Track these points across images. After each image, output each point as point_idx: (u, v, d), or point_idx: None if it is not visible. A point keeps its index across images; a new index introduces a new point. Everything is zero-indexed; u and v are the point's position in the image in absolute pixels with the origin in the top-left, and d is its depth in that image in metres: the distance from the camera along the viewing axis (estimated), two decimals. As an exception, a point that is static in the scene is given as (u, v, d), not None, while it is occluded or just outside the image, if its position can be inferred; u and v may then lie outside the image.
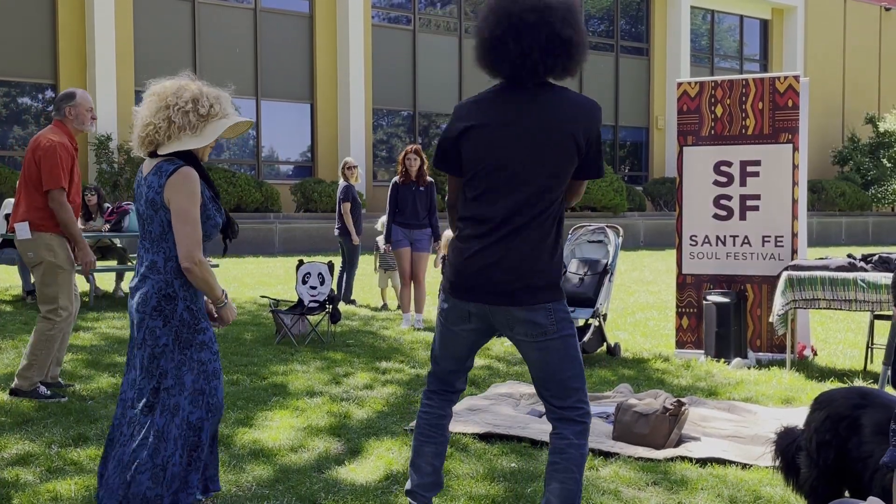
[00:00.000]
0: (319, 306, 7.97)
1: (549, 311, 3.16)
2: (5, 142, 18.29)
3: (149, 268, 3.30)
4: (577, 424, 3.23)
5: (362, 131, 21.54)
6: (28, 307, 9.55)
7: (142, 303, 3.28)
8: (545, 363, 3.21)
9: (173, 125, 3.26)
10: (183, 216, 3.22)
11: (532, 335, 3.18)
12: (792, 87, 7.23)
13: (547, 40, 3.10)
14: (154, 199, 3.26)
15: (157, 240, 3.29)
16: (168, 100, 3.29)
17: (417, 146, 8.97)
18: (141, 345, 3.29)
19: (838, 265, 6.58)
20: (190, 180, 3.24)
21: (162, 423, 3.26)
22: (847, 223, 27.22)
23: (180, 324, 3.28)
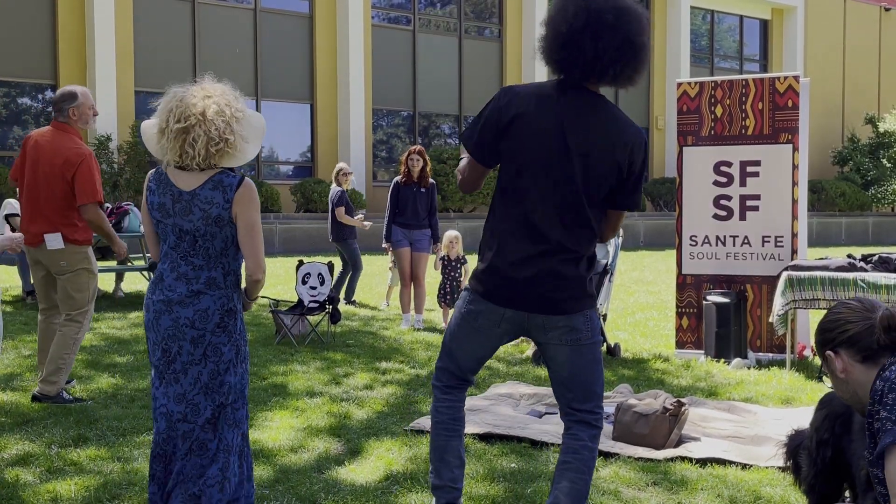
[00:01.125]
0: (319, 307, 7.97)
1: (587, 318, 3.24)
2: (5, 142, 18.29)
3: (206, 284, 3.22)
4: (593, 428, 3.30)
5: (362, 132, 21.54)
6: (28, 307, 9.55)
7: (200, 319, 3.21)
8: (575, 366, 3.26)
9: (236, 136, 3.19)
10: (254, 229, 3.20)
11: (567, 340, 3.23)
12: (792, 87, 7.23)
13: (622, 43, 3.06)
14: (220, 215, 3.17)
15: (218, 255, 3.23)
16: (227, 113, 3.17)
17: (421, 147, 8.97)
18: (201, 360, 3.22)
19: (838, 265, 6.58)
20: (254, 193, 3.22)
21: (230, 437, 3.26)
22: (847, 223, 27.22)
23: (240, 337, 3.29)
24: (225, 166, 3.23)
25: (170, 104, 3.19)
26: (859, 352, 2.66)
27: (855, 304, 2.74)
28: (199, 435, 3.24)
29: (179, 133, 3.14)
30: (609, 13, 3.03)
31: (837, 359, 2.69)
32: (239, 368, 3.27)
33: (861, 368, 2.65)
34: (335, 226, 10.26)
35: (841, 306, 2.76)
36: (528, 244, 3.16)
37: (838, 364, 2.69)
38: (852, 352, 2.67)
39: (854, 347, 2.67)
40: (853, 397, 2.70)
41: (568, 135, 3.13)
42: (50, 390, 5.45)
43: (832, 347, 2.71)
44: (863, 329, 2.66)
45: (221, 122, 3.15)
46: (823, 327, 2.76)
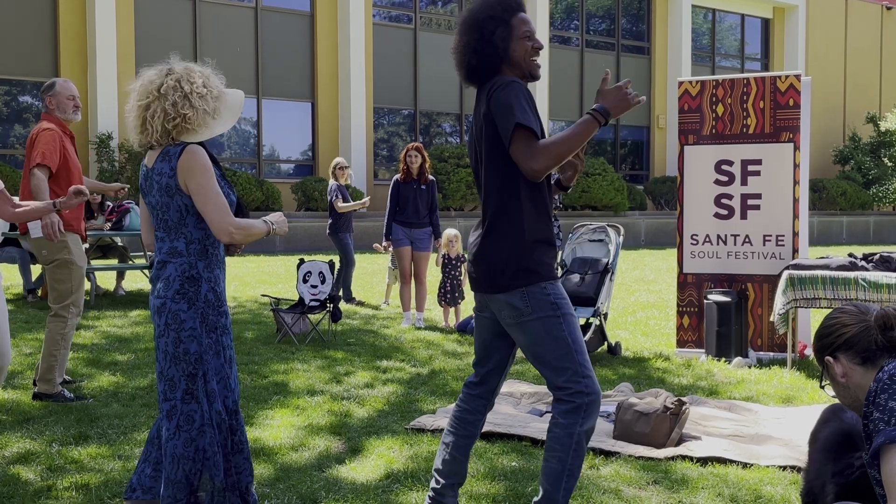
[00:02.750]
0: (320, 305, 7.98)
1: (525, 295, 3.25)
2: (6, 140, 18.30)
3: (169, 253, 3.21)
4: (563, 404, 3.24)
5: (363, 130, 21.54)
6: (29, 306, 9.55)
7: (163, 287, 3.17)
8: (527, 345, 3.30)
9: (197, 111, 3.19)
10: (203, 192, 3.13)
11: (511, 318, 3.29)
12: (793, 86, 7.23)
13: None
14: (168, 184, 3.16)
15: (176, 226, 3.20)
16: (184, 86, 3.20)
17: (419, 144, 8.97)
18: (164, 331, 3.18)
19: (839, 264, 6.57)
20: (200, 155, 3.16)
21: (210, 409, 3.20)
22: (848, 222, 27.21)
23: (206, 304, 3.19)
24: (189, 141, 3.21)
25: (135, 84, 3.28)
26: (858, 354, 2.66)
27: (850, 308, 2.76)
28: (182, 409, 3.19)
29: (140, 110, 3.21)
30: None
31: (837, 364, 2.70)
32: (205, 338, 3.18)
33: (861, 371, 2.66)
34: (332, 219, 10.38)
35: (837, 312, 2.78)
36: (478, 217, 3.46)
37: (838, 369, 2.69)
38: (851, 355, 2.67)
39: (852, 350, 2.67)
40: (855, 402, 2.70)
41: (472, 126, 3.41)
42: (47, 389, 5.46)
43: (831, 353, 2.72)
44: (860, 331, 2.67)
45: (178, 97, 3.18)
46: (820, 334, 2.77)
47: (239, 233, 3.15)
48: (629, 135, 27.37)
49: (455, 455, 3.53)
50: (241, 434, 3.32)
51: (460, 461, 3.54)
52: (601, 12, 26.84)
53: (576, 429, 3.22)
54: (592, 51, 26.45)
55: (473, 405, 3.56)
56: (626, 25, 27.22)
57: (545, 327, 3.25)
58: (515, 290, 3.24)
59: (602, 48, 26.65)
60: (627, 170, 27.31)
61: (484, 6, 3.32)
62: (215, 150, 20.60)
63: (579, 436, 3.22)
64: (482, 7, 3.32)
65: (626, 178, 26.03)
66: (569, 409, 3.22)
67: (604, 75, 3.30)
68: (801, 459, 4.38)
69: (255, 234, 3.22)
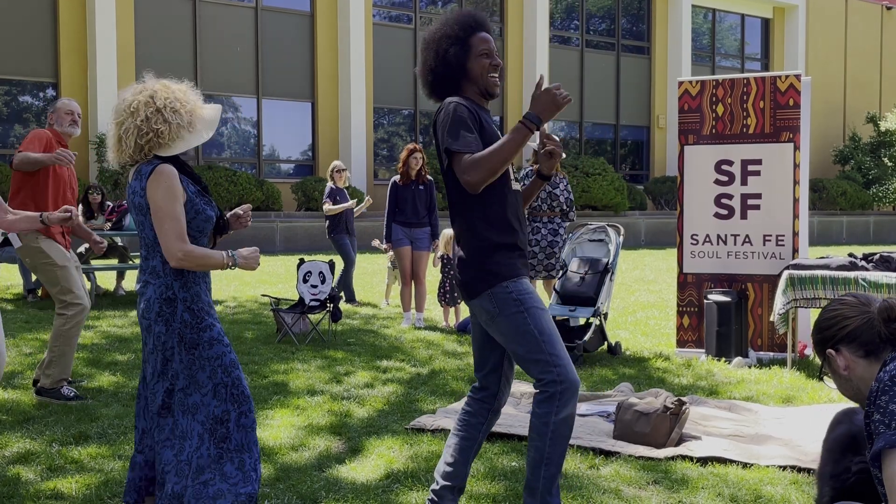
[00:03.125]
0: (320, 305, 7.98)
1: (491, 296, 3.35)
2: (6, 140, 18.29)
3: (150, 273, 3.29)
4: (539, 394, 3.33)
5: (363, 130, 21.54)
6: (29, 306, 9.55)
7: (146, 309, 3.29)
8: (504, 344, 3.39)
9: (172, 126, 3.24)
10: (160, 214, 3.19)
11: (486, 320, 3.40)
12: (793, 86, 7.23)
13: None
14: (140, 203, 3.25)
15: (153, 244, 3.27)
16: (157, 102, 3.26)
17: (419, 145, 8.97)
18: (153, 350, 3.29)
19: (839, 264, 6.57)
20: (165, 177, 3.20)
21: (185, 423, 3.27)
22: (848, 222, 27.20)
23: (182, 325, 3.27)
24: (163, 155, 3.26)
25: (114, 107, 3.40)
26: (861, 347, 2.61)
27: (850, 299, 2.70)
28: (157, 422, 3.30)
29: (115, 129, 3.30)
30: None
31: (839, 356, 2.65)
32: (185, 356, 3.26)
33: (864, 364, 2.61)
34: (329, 221, 10.41)
35: (836, 303, 2.71)
36: None
37: (840, 362, 2.64)
38: (854, 347, 2.62)
39: (855, 343, 2.62)
40: (857, 395, 2.65)
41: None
42: (44, 382, 5.53)
43: (832, 345, 2.66)
44: (862, 323, 2.62)
45: (151, 113, 3.24)
46: (821, 326, 2.71)
47: (187, 260, 3.20)
48: (629, 135, 27.38)
49: (456, 457, 3.55)
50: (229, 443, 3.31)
51: (460, 464, 3.55)
52: (601, 12, 26.84)
53: (551, 418, 3.29)
54: (592, 51, 26.45)
55: (476, 408, 3.60)
56: (626, 25, 27.21)
57: (512, 324, 3.33)
58: (483, 294, 3.36)
59: (602, 48, 26.65)
60: (627, 170, 27.31)
61: (442, 26, 3.49)
62: (215, 150, 20.61)
63: (556, 424, 3.30)
64: (440, 27, 3.49)
65: (626, 177, 26.04)
66: (543, 398, 3.31)
67: (537, 80, 3.40)
68: (802, 459, 4.39)
69: (207, 264, 3.26)
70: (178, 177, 3.26)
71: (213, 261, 3.27)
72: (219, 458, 3.28)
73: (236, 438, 3.33)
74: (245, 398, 3.37)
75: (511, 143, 3.23)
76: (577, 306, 7.34)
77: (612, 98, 26.72)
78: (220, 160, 20.44)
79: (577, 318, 7.39)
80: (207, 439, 3.28)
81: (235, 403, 3.34)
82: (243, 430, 3.37)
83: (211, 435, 3.28)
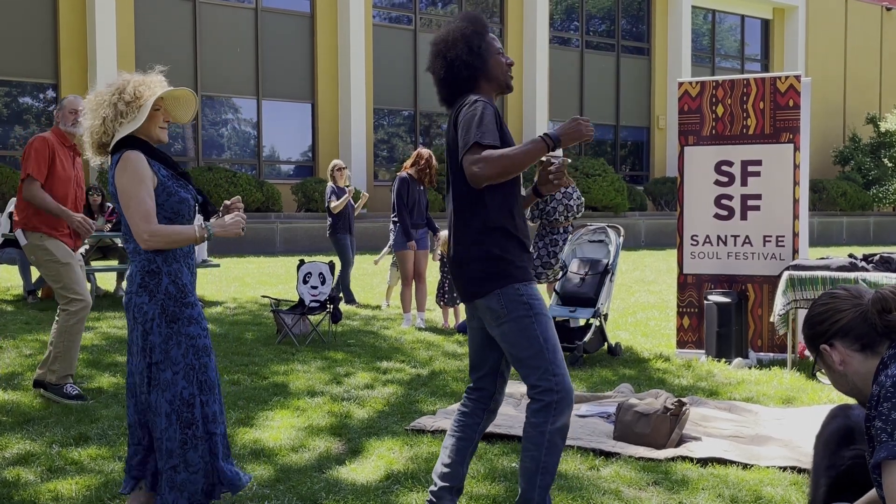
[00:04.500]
0: (320, 306, 7.97)
1: (500, 296, 3.35)
2: (6, 142, 18.30)
3: (132, 253, 3.36)
4: (534, 402, 3.34)
5: (363, 131, 21.54)
6: (29, 307, 9.55)
7: (128, 283, 3.36)
8: (505, 346, 3.39)
9: (107, 120, 3.34)
10: (124, 198, 3.27)
11: (492, 321, 3.39)
12: (793, 86, 7.23)
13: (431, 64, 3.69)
14: (113, 191, 3.34)
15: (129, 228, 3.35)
16: (97, 100, 3.39)
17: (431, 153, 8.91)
18: (133, 325, 3.31)
19: (839, 265, 6.57)
20: (131, 162, 3.28)
21: (155, 398, 3.28)
22: (848, 223, 27.20)
23: (166, 296, 3.29)
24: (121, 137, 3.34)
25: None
26: (856, 340, 2.52)
27: (842, 292, 2.60)
28: (146, 400, 3.32)
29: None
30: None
31: (833, 351, 2.55)
32: (164, 328, 3.27)
33: (860, 358, 2.52)
34: (331, 220, 10.41)
35: (826, 297, 2.61)
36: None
37: (835, 357, 2.55)
38: (848, 341, 2.53)
39: (849, 336, 2.53)
40: (853, 390, 2.57)
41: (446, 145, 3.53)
42: (49, 378, 5.56)
43: (826, 340, 2.57)
44: (856, 316, 2.53)
45: (87, 120, 3.40)
46: (812, 321, 2.61)
47: (153, 240, 3.24)
48: (629, 135, 27.37)
49: (453, 458, 3.55)
50: (195, 429, 3.29)
51: (457, 464, 3.55)
52: (601, 13, 26.84)
53: (547, 427, 3.31)
54: (592, 52, 26.45)
55: (472, 408, 3.61)
56: (626, 26, 27.22)
57: (519, 327, 3.33)
58: (492, 294, 3.35)
59: (602, 49, 26.65)
60: (627, 170, 27.31)
61: (464, 24, 3.51)
62: (215, 151, 20.61)
63: (551, 434, 3.31)
64: (464, 24, 3.51)
65: (626, 178, 26.04)
66: (539, 407, 3.32)
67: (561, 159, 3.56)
68: (802, 460, 4.38)
69: (176, 240, 3.29)
70: (147, 161, 3.32)
71: (183, 236, 3.30)
72: (183, 444, 3.28)
73: (201, 427, 3.32)
74: (208, 388, 3.35)
75: (527, 153, 3.25)
76: (577, 307, 7.34)
77: (612, 99, 26.72)
78: (220, 161, 20.44)
79: (577, 318, 7.39)
80: (175, 421, 3.28)
81: (200, 390, 3.34)
82: (205, 419, 3.36)
83: (178, 417, 3.28)
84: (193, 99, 3.59)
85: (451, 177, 3.48)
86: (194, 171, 18.23)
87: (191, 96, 3.58)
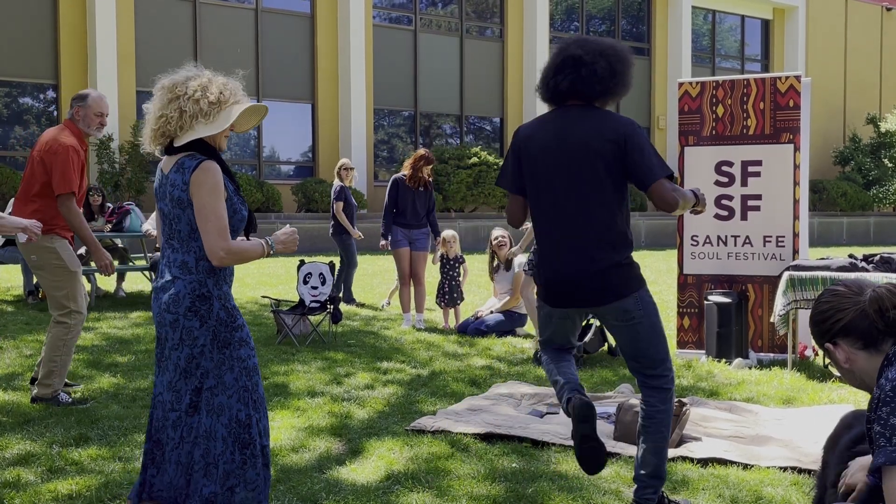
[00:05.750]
0: (321, 306, 7.98)
1: (638, 299, 3.75)
2: (6, 142, 18.29)
3: (179, 268, 3.25)
4: (661, 392, 3.72)
5: (363, 131, 21.54)
6: (29, 307, 9.55)
7: (173, 303, 3.23)
8: (637, 343, 3.76)
9: (185, 114, 3.23)
10: (204, 212, 3.17)
11: (622, 320, 3.76)
12: (793, 87, 7.23)
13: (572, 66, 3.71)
14: (181, 197, 3.21)
15: (187, 239, 3.24)
16: (177, 90, 3.26)
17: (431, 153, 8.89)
18: (178, 346, 3.24)
19: (840, 265, 6.57)
20: (212, 174, 3.19)
21: (209, 423, 3.25)
22: (848, 223, 27.20)
23: (217, 323, 3.25)
24: (193, 139, 3.23)
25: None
26: (859, 339, 2.54)
27: (841, 289, 2.61)
28: (185, 421, 3.26)
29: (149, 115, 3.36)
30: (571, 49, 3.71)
31: (838, 350, 2.58)
32: (216, 354, 3.24)
33: (864, 356, 2.54)
34: (335, 220, 10.35)
35: (827, 294, 2.62)
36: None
37: (840, 355, 2.57)
38: (851, 340, 2.55)
39: (851, 335, 2.54)
40: (862, 384, 2.59)
41: (567, 140, 3.68)
42: (45, 393, 5.41)
43: (829, 339, 2.59)
44: (856, 315, 2.54)
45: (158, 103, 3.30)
46: (815, 319, 2.62)
47: (229, 257, 3.19)
48: (629, 136, 27.34)
49: (565, 369, 3.80)
50: (254, 448, 3.30)
51: (571, 372, 3.81)
52: (601, 13, 26.84)
53: (671, 410, 3.74)
54: (592, 52, 26.41)
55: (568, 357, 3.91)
56: (626, 26, 27.22)
57: (655, 327, 3.75)
58: (630, 296, 3.68)
59: (602, 49, 26.61)
60: (628, 171, 27.28)
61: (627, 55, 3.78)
62: (215, 151, 20.60)
63: (670, 415, 3.75)
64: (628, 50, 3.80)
65: (626, 179, 26.00)
66: (667, 396, 3.72)
67: None
68: (802, 460, 4.38)
69: (248, 257, 3.27)
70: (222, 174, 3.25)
71: (253, 252, 3.28)
72: (242, 464, 3.27)
73: (258, 444, 3.33)
74: (261, 405, 3.35)
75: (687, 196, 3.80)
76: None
77: (612, 99, 26.69)
78: (221, 161, 20.42)
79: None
80: (231, 444, 3.26)
81: (255, 409, 3.33)
82: (260, 436, 3.36)
83: (235, 439, 3.26)
84: (265, 114, 3.51)
85: (586, 180, 3.61)
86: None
87: (264, 111, 3.50)
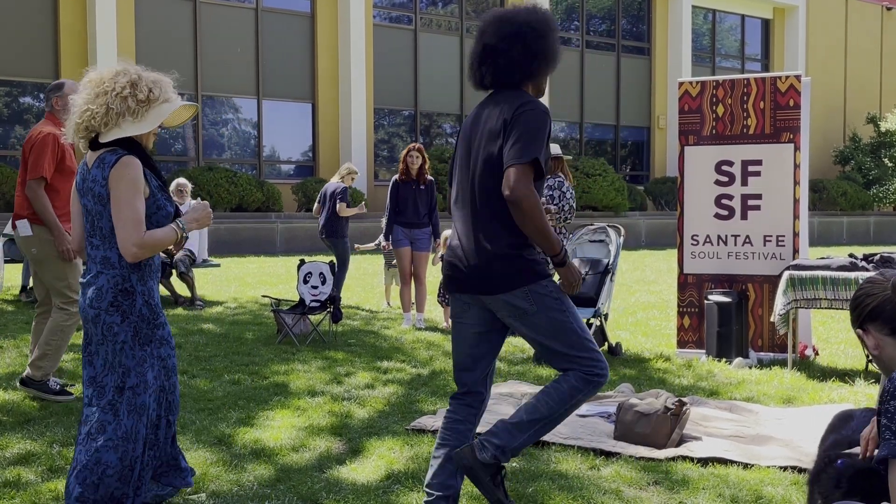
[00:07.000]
0: (321, 306, 7.98)
1: (528, 293, 3.33)
2: (7, 141, 18.30)
3: (102, 263, 3.20)
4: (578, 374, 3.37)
5: (364, 131, 21.54)
6: (29, 307, 9.55)
7: (96, 298, 3.17)
8: (541, 338, 3.39)
9: (111, 111, 3.18)
10: (118, 205, 3.11)
11: (513, 316, 3.38)
12: (793, 86, 7.23)
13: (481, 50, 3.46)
14: (101, 193, 3.16)
15: (109, 235, 3.19)
16: (105, 85, 3.21)
17: (420, 144, 8.96)
18: (102, 341, 3.18)
19: (840, 265, 6.57)
20: (131, 168, 3.13)
21: (130, 424, 3.17)
22: (848, 223, 27.20)
23: (139, 319, 3.19)
24: (119, 137, 3.19)
25: None
26: (885, 324, 2.56)
27: (878, 277, 2.66)
28: (100, 417, 3.17)
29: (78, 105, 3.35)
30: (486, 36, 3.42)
31: (867, 335, 2.61)
32: (138, 351, 3.17)
33: (891, 342, 2.56)
34: (331, 221, 9.99)
35: (866, 282, 2.68)
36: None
37: (870, 341, 2.61)
38: (878, 325, 2.58)
39: (878, 321, 2.58)
40: (888, 373, 2.62)
41: (471, 130, 3.43)
42: (34, 374, 5.47)
43: (860, 324, 2.63)
44: (883, 301, 2.57)
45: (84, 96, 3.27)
46: (851, 305, 2.67)
47: (142, 251, 3.12)
48: (629, 135, 27.37)
49: (447, 466, 3.48)
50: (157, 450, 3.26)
51: (452, 472, 3.48)
52: (601, 13, 26.84)
53: (580, 395, 3.34)
54: (593, 51, 26.43)
55: (463, 414, 3.55)
56: (627, 26, 27.21)
57: (554, 321, 3.33)
58: (517, 290, 3.30)
59: (602, 49, 26.64)
60: (628, 170, 27.31)
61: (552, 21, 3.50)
62: (215, 151, 20.60)
63: (578, 402, 3.36)
64: (552, 22, 3.49)
65: (626, 178, 26.03)
66: (584, 378, 3.33)
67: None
68: (803, 460, 4.38)
69: (162, 245, 3.19)
70: (143, 169, 3.18)
71: (166, 239, 3.19)
72: (146, 466, 3.23)
73: (163, 449, 3.26)
74: (175, 409, 3.28)
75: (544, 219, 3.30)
76: (577, 307, 7.32)
77: (612, 99, 26.72)
78: (221, 161, 20.44)
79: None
80: (143, 444, 3.19)
81: (169, 411, 3.27)
82: (166, 440, 3.28)
83: (146, 440, 3.20)
84: (195, 112, 3.47)
85: (481, 172, 3.33)
86: (195, 171, 18.23)
87: (195, 109, 3.46)
